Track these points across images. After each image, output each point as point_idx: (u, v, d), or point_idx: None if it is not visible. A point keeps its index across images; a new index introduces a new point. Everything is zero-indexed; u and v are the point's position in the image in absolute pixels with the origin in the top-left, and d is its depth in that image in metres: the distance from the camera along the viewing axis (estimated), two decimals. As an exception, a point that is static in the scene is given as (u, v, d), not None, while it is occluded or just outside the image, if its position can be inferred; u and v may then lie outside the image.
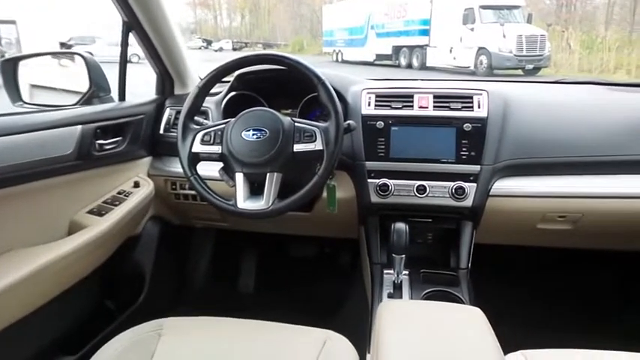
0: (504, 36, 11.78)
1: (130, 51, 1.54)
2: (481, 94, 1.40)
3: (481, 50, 12.10)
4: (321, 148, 1.16)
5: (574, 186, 1.38)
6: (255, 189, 1.20)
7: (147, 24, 1.45)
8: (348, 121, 1.25)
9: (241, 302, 2.00)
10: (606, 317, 1.76)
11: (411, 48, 14.61)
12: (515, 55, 11.68)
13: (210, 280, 2.05)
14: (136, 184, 1.52)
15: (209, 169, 1.27)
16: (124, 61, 1.53)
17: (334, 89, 1.22)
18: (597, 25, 17.41)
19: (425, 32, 14.04)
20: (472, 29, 12.38)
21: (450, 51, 13.01)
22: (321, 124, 1.18)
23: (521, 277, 1.88)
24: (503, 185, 1.38)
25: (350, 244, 1.70)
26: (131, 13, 1.42)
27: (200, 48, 23.11)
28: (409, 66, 14.56)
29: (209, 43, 24.35)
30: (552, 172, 1.39)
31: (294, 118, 1.20)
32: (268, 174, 1.16)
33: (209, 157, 1.22)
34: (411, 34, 14.53)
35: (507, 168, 1.37)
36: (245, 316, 1.09)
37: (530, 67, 11.73)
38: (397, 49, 15.25)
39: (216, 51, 21.81)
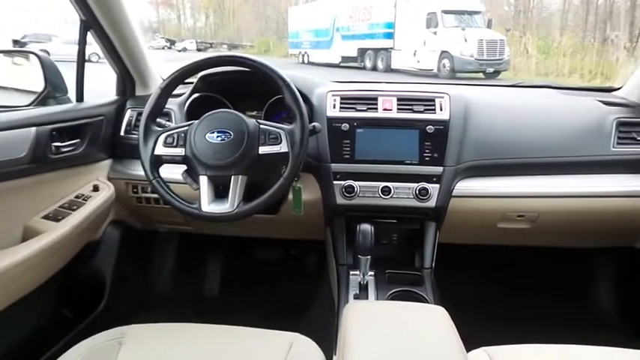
0: (466, 40, 12.08)
1: (90, 50, 1.49)
2: (443, 97, 1.43)
3: (444, 54, 12.36)
4: (286, 150, 1.16)
5: (531, 186, 1.42)
6: (220, 192, 1.19)
7: (105, 22, 1.41)
8: (313, 123, 1.25)
9: (207, 307, 1.97)
10: (564, 312, 1.82)
11: (376, 51, 14.78)
12: (476, 59, 11.99)
13: (175, 285, 2.01)
14: (95, 188, 1.47)
15: (172, 172, 1.25)
16: (81, 60, 1.48)
17: (299, 91, 1.22)
18: (553, 31, 18.06)
19: (389, 35, 14.23)
20: (435, 33, 12.64)
21: (414, 54, 13.23)
22: (287, 127, 1.18)
23: (483, 275, 1.93)
24: (465, 186, 1.42)
25: (316, 245, 1.70)
26: (89, 11, 1.37)
27: (163, 48, 22.67)
28: (374, 68, 14.72)
29: (172, 43, 23.91)
30: (511, 173, 1.44)
31: (259, 120, 1.19)
32: (233, 176, 1.15)
33: (172, 160, 1.20)
34: (376, 37, 14.70)
35: (469, 169, 1.41)
36: (211, 320, 1.07)
37: (491, 70, 12.06)
38: (362, 52, 15.40)
39: (179, 51, 21.44)
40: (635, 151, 1.43)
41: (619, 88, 1.64)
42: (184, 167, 1.22)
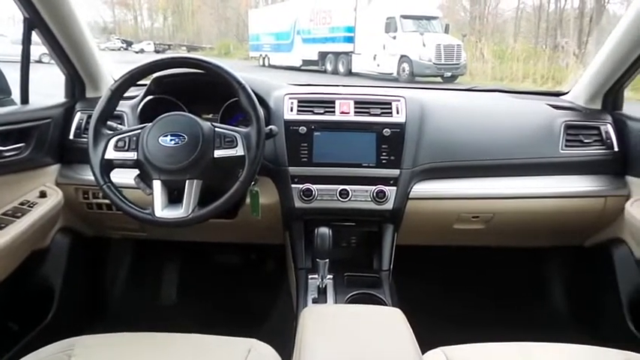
0: (424, 45, 12.32)
1: (41, 50, 1.43)
2: (399, 101, 1.45)
3: (403, 58, 12.56)
4: (242, 153, 1.14)
5: (485, 188, 1.46)
6: (175, 197, 1.16)
7: (51, 21, 1.35)
8: (270, 126, 1.24)
9: (163, 315, 1.92)
10: (520, 310, 1.87)
11: (337, 54, 14.86)
12: (434, 64, 12.24)
13: (129, 294, 1.94)
14: (42, 194, 1.40)
15: (124, 177, 1.21)
16: (26, 61, 1.41)
17: (256, 94, 1.21)
18: (507, 37, 18.69)
19: (350, 39, 14.34)
20: (394, 37, 12.82)
21: (374, 58, 13.38)
22: (242, 130, 1.17)
23: (441, 276, 1.96)
24: (422, 188, 1.44)
25: (276, 249, 1.69)
26: (32, 8, 1.31)
27: (120, 49, 22.01)
28: (335, 72, 14.78)
29: (129, 44, 23.24)
30: (466, 175, 1.47)
31: (214, 124, 1.17)
32: (187, 181, 1.13)
33: (123, 164, 1.16)
34: (337, 40, 14.78)
35: (425, 171, 1.43)
36: (167, 329, 1.04)
37: (449, 74, 12.35)
38: (323, 55, 15.44)
39: (137, 52, 20.86)
40: (582, 153, 1.49)
41: (567, 93, 1.71)
42: (137, 172, 1.18)
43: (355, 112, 1.43)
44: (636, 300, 1.50)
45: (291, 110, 1.43)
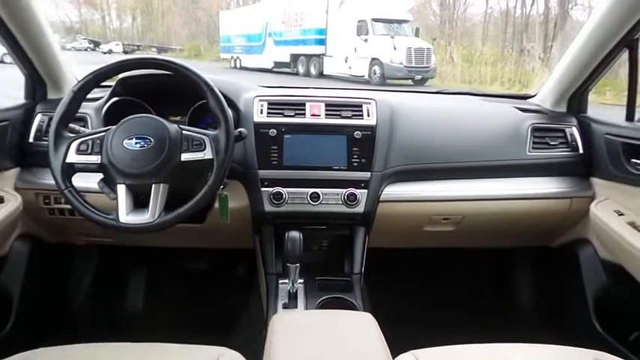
0: (395, 48, 12.46)
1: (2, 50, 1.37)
2: (370, 103, 1.45)
3: (374, 61, 12.66)
4: (210, 157, 1.12)
5: (455, 190, 1.47)
6: (141, 201, 1.13)
7: (8, 18, 1.29)
8: (239, 129, 1.22)
9: (129, 324, 1.86)
10: (490, 311, 1.89)
11: (309, 57, 14.86)
12: (405, 67, 12.39)
13: (94, 302, 1.88)
14: None
15: (89, 181, 1.17)
16: None
17: (225, 96, 1.19)
18: (476, 41, 19.07)
19: (321, 42, 14.37)
20: (366, 40, 12.92)
21: (346, 60, 13.45)
22: (211, 132, 1.14)
23: (412, 278, 1.97)
24: (393, 191, 1.44)
25: (246, 254, 1.66)
26: None
27: (87, 49, 21.42)
28: (307, 74, 14.77)
29: (97, 44, 22.62)
30: (436, 177, 1.48)
31: (181, 126, 1.15)
32: (154, 185, 1.10)
33: (86, 168, 1.12)
34: (308, 43, 14.79)
35: (396, 174, 1.43)
36: (134, 338, 1.00)
37: (419, 77, 12.51)
38: (295, 57, 15.42)
39: (105, 53, 20.33)
40: (549, 155, 1.52)
41: (534, 96, 1.74)
42: (101, 176, 1.14)
43: (326, 114, 1.42)
44: (601, 299, 1.53)
45: (261, 112, 1.41)
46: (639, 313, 1.40)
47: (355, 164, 1.39)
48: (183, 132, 1.13)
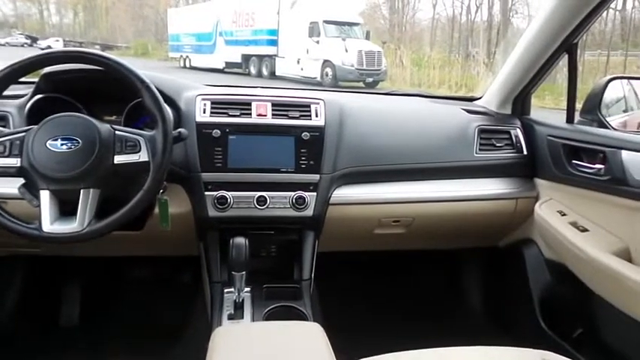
0: (347, 50, 12.58)
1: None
2: (318, 103, 1.41)
3: (326, 62, 12.74)
4: (146, 159, 1.04)
5: (405, 192, 1.46)
6: (68, 208, 1.03)
7: None
8: (179, 129, 1.15)
9: (63, 340, 1.71)
10: (441, 314, 1.90)
11: (260, 57, 14.75)
12: (357, 69, 12.54)
13: (21, 318, 1.72)
14: None
15: (8, 187, 1.07)
16: None
17: (164, 94, 1.12)
18: (424, 46, 19.60)
19: (273, 42, 14.29)
20: (317, 42, 12.97)
21: (298, 62, 13.45)
22: (147, 133, 1.06)
23: (363, 282, 1.95)
24: (342, 193, 1.40)
25: (191, 262, 1.57)
26: None
27: (23, 45, 20.26)
28: (259, 75, 14.67)
29: (34, 40, 21.43)
30: (386, 179, 1.46)
31: (114, 126, 1.06)
32: (82, 190, 1.01)
33: (4, 172, 1.01)
34: (260, 43, 14.67)
35: (345, 176, 1.40)
36: (67, 354, 0.91)
37: (370, 80, 12.69)
38: (247, 58, 15.27)
39: (43, 49, 19.38)
40: (495, 156, 1.54)
41: (480, 98, 1.76)
42: (22, 180, 1.04)
43: (273, 114, 1.37)
44: (546, 298, 1.57)
45: (204, 112, 1.34)
46: (582, 311, 1.44)
47: (303, 166, 1.35)
48: (116, 132, 1.04)
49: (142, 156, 1.04)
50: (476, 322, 1.87)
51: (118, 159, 1.03)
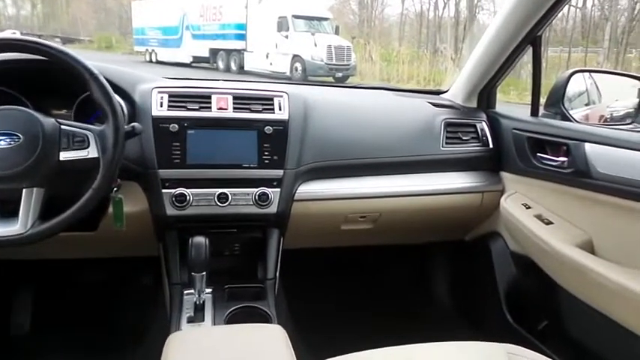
0: (316, 45, 12.53)
1: None
2: (282, 96, 1.36)
3: (296, 57, 12.66)
4: (95, 155, 0.98)
5: (371, 187, 1.43)
6: (9, 209, 0.96)
7: None
8: (132, 124, 1.08)
9: (12, 349, 1.62)
10: (410, 310, 1.89)
11: (229, 51, 14.54)
12: (326, 64, 12.51)
13: None
14: None
15: None
16: None
17: (118, 87, 1.06)
18: (393, 41, 19.74)
19: (241, 37, 14.10)
20: (286, 37, 12.87)
21: (267, 56, 13.32)
22: (96, 128, 1.00)
23: (330, 279, 1.91)
24: (307, 189, 1.37)
25: (151, 263, 1.51)
26: None
27: (-25, 38, 19.30)
28: (228, 69, 14.46)
29: (-11, 33, 20.57)
30: (352, 174, 1.43)
31: (60, 120, 0.99)
32: (25, 189, 0.94)
33: None
34: (228, 37, 14.45)
35: (310, 171, 1.36)
36: None
37: (340, 75, 12.69)
38: (214, 52, 15.02)
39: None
40: (461, 150, 1.53)
41: (446, 91, 1.75)
42: None
43: (234, 108, 1.31)
44: (512, 291, 1.57)
45: (161, 106, 1.27)
46: (547, 304, 1.45)
47: (267, 161, 1.30)
48: (62, 127, 0.97)
49: (91, 152, 0.98)
50: (444, 317, 1.87)
51: (64, 155, 0.96)
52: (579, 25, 16.48)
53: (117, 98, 1.07)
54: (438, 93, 1.77)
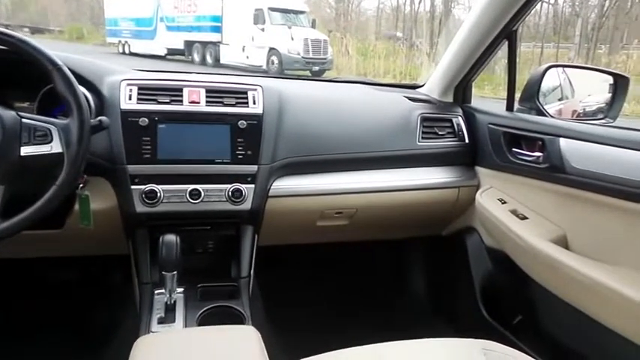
0: (292, 38, 12.45)
1: None
2: (256, 90, 1.33)
3: (272, 51, 12.55)
4: (59, 150, 0.94)
5: (347, 182, 1.41)
6: None
7: None
8: (99, 117, 1.04)
9: None
10: (387, 307, 1.89)
11: (204, 44, 14.30)
12: (303, 57, 12.44)
13: None
14: None
15: None
16: None
17: (83, 78, 1.02)
18: (369, 35, 19.75)
19: (217, 29, 13.88)
20: (263, 29, 12.74)
21: (243, 49, 13.16)
22: (60, 121, 0.96)
23: (307, 276, 1.89)
24: (282, 185, 1.34)
25: (122, 261, 1.46)
26: None
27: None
28: (203, 62, 14.24)
29: (-48, 22, 19.75)
30: (327, 170, 1.41)
31: (21, 113, 0.94)
32: None
33: None
34: (203, 30, 14.21)
35: (285, 167, 1.34)
36: None
37: (317, 68, 12.64)
38: (189, 45, 14.76)
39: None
40: (437, 145, 1.53)
41: (422, 86, 1.74)
42: None
43: (207, 101, 1.28)
44: (487, 286, 1.58)
45: (130, 99, 1.23)
46: (521, 298, 1.46)
47: (240, 157, 1.27)
48: (23, 120, 0.93)
49: (55, 147, 0.94)
50: (421, 313, 1.87)
51: (26, 150, 0.92)
52: (551, 21, 16.80)
53: (82, 90, 1.03)
54: (415, 87, 1.77)
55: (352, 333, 1.09)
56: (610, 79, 1.58)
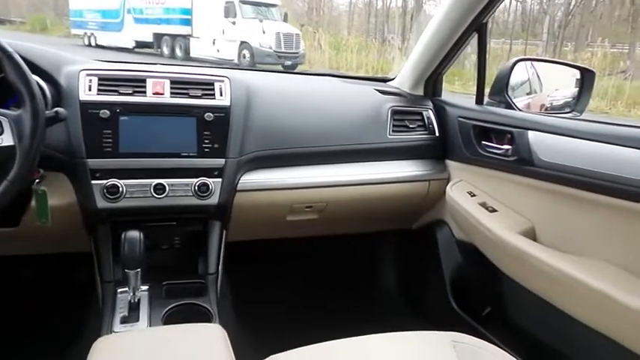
0: (264, 32, 12.32)
1: None
2: (223, 81, 1.29)
3: (243, 44, 12.40)
4: (11, 143, 0.89)
5: (317, 176, 1.40)
6: None
7: None
8: (55, 109, 0.99)
9: None
10: (359, 301, 1.87)
11: (173, 37, 14.01)
12: (275, 51, 12.33)
13: None
14: None
15: None
16: None
17: (39, 68, 0.97)
18: (342, 30, 19.75)
19: (187, 22, 13.62)
20: (234, 23, 12.56)
21: (214, 43, 12.97)
22: (11, 112, 0.91)
23: (277, 272, 1.86)
24: (250, 179, 1.31)
25: (84, 259, 1.40)
26: None
27: None
28: (173, 55, 13.95)
29: None
30: (297, 163, 1.38)
31: None
32: None
33: None
34: (172, 22, 13.91)
35: (253, 160, 1.31)
36: None
37: (289, 63, 12.53)
38: (158, 37, 14.43)
39: None
40: (408, 138, 1.52)
41: (393, 79, 1.73)
42: None
43: (171, 93, 1.23)
44: (457, 278, 1.59)
45: (90, 90, 1.17)
46: (490, 290, 1.47)
47: (207, 150, 1.23)
48: None
49: (6, 140, 0.89)
50: (392, 306, 1.87)
51: None
52: (520, 18, 17.16)
53: (36, 80, 0.97)
54: (385, 80, 1.75)
55: (323, 328, 1.08)
56: (577, 74, 1.60)
